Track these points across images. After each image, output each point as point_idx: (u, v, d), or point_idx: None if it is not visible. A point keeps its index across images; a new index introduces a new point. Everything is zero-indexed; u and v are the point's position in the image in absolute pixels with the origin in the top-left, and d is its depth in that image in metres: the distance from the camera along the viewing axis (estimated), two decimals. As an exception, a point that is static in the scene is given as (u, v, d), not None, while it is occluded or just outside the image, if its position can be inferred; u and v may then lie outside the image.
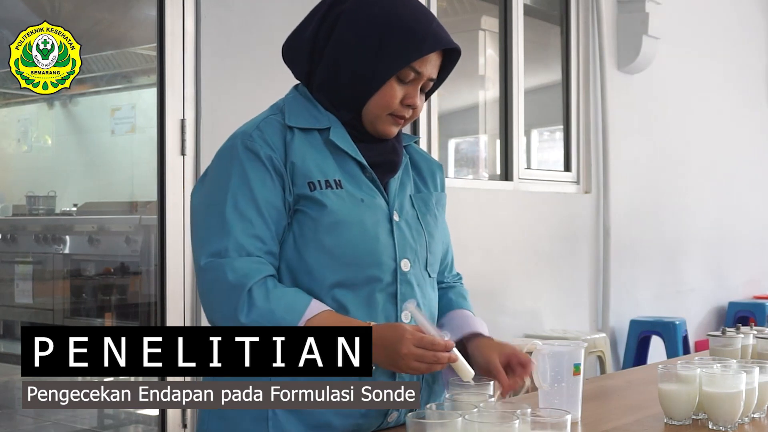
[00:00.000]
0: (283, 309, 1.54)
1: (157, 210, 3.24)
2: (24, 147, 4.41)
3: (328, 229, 1.60)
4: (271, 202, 1.60)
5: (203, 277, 1.59)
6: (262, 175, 1.60)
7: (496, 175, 4.94)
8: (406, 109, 1.68)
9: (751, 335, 2.24)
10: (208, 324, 1.73)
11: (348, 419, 1.61)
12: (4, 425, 3.62)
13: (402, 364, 1.52)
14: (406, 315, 1.66)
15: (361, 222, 1.63)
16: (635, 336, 5.46)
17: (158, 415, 3.27)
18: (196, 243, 1.63)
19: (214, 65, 3.33)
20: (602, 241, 5.37)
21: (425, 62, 1.65)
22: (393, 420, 1.68)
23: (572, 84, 5.34)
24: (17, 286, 3.90)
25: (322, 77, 1.68)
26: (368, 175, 1.68)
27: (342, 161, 1.66)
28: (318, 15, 1.69)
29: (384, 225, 1.66)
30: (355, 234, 1.61)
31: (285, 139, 1.63)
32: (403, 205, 1.72)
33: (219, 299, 1.56)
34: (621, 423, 1.81)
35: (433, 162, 1.88)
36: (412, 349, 1.51)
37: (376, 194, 1.68)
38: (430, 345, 1.52)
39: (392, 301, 1.65)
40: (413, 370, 1.52)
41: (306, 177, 1.61)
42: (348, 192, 1.64)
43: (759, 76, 7.35)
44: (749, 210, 7.05)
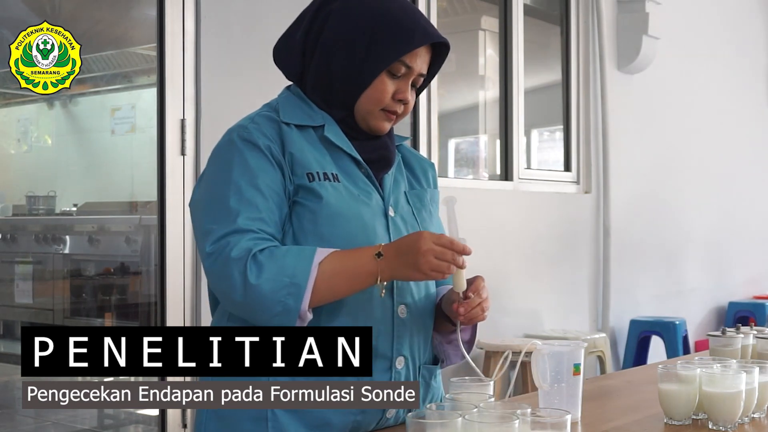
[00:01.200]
0: (293, 260, 1.53)
1: (157, 210, 3.24)
2: (24, 147, 4.41)
3: (327, 220, 1.61)
4: (274, 188, 1.60)
5: (209, 262, 1.56)
6: (262, 162, 1.61)
7: (496, 175, 4.94)
8: (398, 104, 1.69)
9: (751, 335, 2.24)
10: (212, 320, 1.73)
11: (347, 417, 1.62)
12: (4, 425, 3.62)
13: (422, 262, 1.52)
14: (402, 310, 1.66)
15: (360, 215, 1.64)
16: (635, 336, 5.46)
17: (158, 415, 3.27)
18: (200, 234, 1.60)
19: (214, 65, 3.32)
20: (602, 241, 5.37)
21: (415, 56, 1.66)
22: (392, 417, 1.68)
23: (572, 84, 5.34)
24: (17, 286, 3.90)
25: (314, 77, 1.70)
26: (363, 170, 1.70)
27: (337, 157, 1.68)
28: (308, 15, 1.71)
29: (380, 220, 1.67)
30: (354, 227, 1.62)
31: (281, 132, 1.65)
32: (398, 200, 1.74)
33: (226, 274, 1.53)
34: (621, 423, 1.81)
35: (424, 160, 1.90)
36: (432, 245, 1.52)
37: (371, 190, 1.69)
38: (449, 244, 1.53)
39: (389, 295, 1.66)
40: (433, 268, 1.53)
41: (305, 168, 1.62)
42: (345, 186, 1.65)
43: (759, 76, 7.35)
44: (749, 210, 7.05)
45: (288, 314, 1.52)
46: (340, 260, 1.55)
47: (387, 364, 1.65)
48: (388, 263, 1.55)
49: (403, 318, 1.67)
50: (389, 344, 1.65)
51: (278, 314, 1.52)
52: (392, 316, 1.66)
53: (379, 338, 1.64)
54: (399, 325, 1.66)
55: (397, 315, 1.66)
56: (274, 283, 1.51)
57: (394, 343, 1.65)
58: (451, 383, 1.66)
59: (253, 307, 1.53)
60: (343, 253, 1.57)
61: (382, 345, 1.64)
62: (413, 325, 1.69)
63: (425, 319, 1.73)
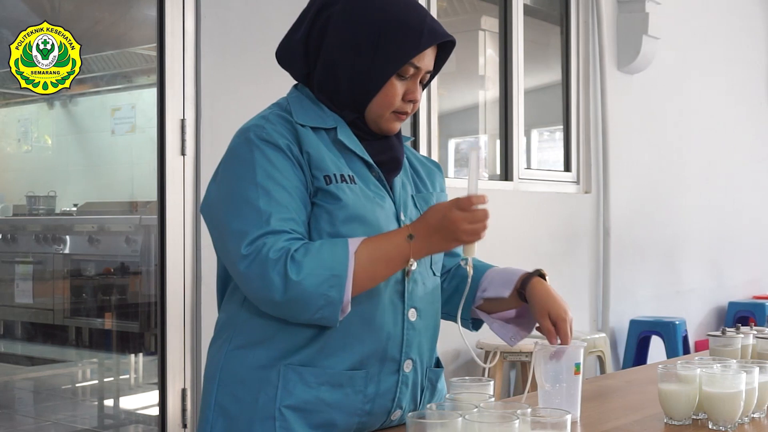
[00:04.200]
0: (329, 253, 1.52)
1: (157, 210, 3.24)
2: (24, 147, 4.41)
3: (345, 222, 1.60)
4: (299, 188, 1.59)
5: (245, 264, 1.52)
6: (285, 162, 1.59)
7: (496, 175, 4.94)
8: (408, 105, 1.69)
9: (751, 335, 2.24)
10: (220, 315, 1.72)
11: (352, 417, 1.62)
12: (4, 425, 3.62)
13: (460, 232, 1.54)
14: (412, 314, 1.67)
15: (376, 219, 1.63)
16: (635, 336, 5.46)
17: (158, 415, 3.27)
18: (229, 235, 1.56)
19: (214, 65, 3.32)
20: (602, 241, 5.37)
21: (423, 56, 1.65)
22: (396, 419, 1.69)
23: (572, 84, 5.34)
24: (17, 286, 3.91)
25: (320, 79, 1.68)
26: (375, 174, 1.69)
27: (350, 160, 1.67)
28: (308, 17, 1.69)
29: (393, 224, 1.67)
30: (370, 230, 1.62)
31: (296, 132, 1.63)
32: (407, 204, 1.74)
33: (265, 275, 1.51)
34: (621, 423, 1.81)
35: (431, 162, 1.90)
36: (459, 213, 1.54)
37: (384, 193, 1.69)
38: (469, 203, 1.54)
39: (400, 299, 1.66)
40: (472, 233, 1.55)
41: (322, 170, 1.61)
42: (361, 188, 1.65)
43: (759, 76, 7.35)
44: (749, 210, 7.05)
45: (332, 306, 1.51)
46: (373, 247, 1.55)
47: (395, 367, 1.65)
48: (423, 242, 1.56)
49: (413, 321, 1.67)
50: (398, 348, 1.65)
51: (322, 308, 1.51)
52: (403, 320, 1.66)
53: (389, 342, 1.64)
54: (409, 328, 1.66)
55: (407, 319, 1.66)
56: (316, 278, 1.50)
57: (403, 347, 1.66)
58: (451, 383, 1.66)
59: (295, 304, 1.51)
60: (374, 240, 1.57)
61: (391, 349, 1.64)
62: (422, 328, 1.70)
63: (433, 321, 1.74)
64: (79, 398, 4.18)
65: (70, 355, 4.24)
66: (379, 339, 1.62)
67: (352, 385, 1.60)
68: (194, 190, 3.27)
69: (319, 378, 1.59)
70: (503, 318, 1.84)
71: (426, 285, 1.72)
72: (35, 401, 4.10)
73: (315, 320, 1.53)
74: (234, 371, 1.62)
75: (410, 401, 1.70)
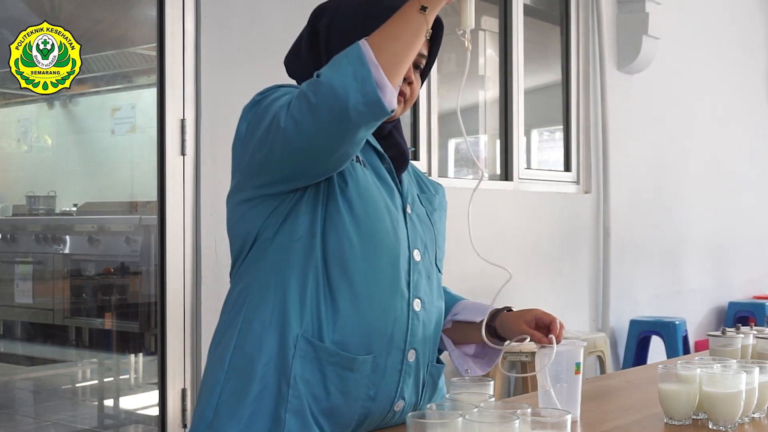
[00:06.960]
0: (339, 56, 1.50)
1: (157, 210, 3.24)
2: (24, 147, 4.41)
3: (357, 198, 1.63)
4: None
5: (283, 113, 1.51)
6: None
7: (496, 175, 4.94)
8: (406, 86, 1.71)
9: (751, 335, 2.24)
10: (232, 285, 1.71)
11: (356, 402, 1.63)
12: (4, 425, 3.62)
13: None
14: (417, 304, 1.69)
15: (386, 203, 1.68)
16: (635, 336, 5.46)
17: (158, 415, 3.27)
18: (263, 110, 1.59)
19: (214, 65, 3.32)
20: (602, 241, 5.37)
21: None
22: (399, 409, 1.70)
23: (572, 84, 5.34)
24: (17, 286, 3.91)
25: None
26: (386, 165, 1.74)
27: (363, 150, 1.70)
28: (306, 33, 1.73)
29: (400, 214, 1.71)
30: (380, 209, 1.65)
31: None
32: (414, 199, 1.79)
33: (295, 100, 1.50)
34: (621, 423, 1.81)
35: (434, 184, 1.93)
36: None
37: (392, 185, 1.74)
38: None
39: (407, 287, 1.68)
40: None
41: None
42: (371, 175, 1.70)
43: (759, 75, 7.35)
44: (749, 210, 7.05)
45: (365, 82, 1.45)
46: (384, 29, 1.53)
47: (400, 357, 1.67)
48: (437, 6, 1.59)
49: (418, 312, 1.70)
50: (403, 336, 1.67)
51: (356, 89, 1.45)
52: (408, 308, 1.68)
53: (395, 327, 1.66)
54: (414, 318, 1.69)
55: (412, 308, 1.69)
56: (335, 69, 1.47)
57: (408, 335, 1.68)
58: (451, 383, 1.67)
59: (328, 97, 1.46)
60: (383, 25, 1.55)
61: (397, 335, 1.66)
62: (426, 320, 1.72)
63: (436, 317, 1.77)
64: (79, 398, 4.18)
65: (70, 355, 4.24)
66: (386, 321, 1.64)
67: (360, 370, 1.62)
68: (194, 190, 3.27)
69: (332, 358, 1.60)
70: (463, 351, 1.89)
71: (430, 279, 1.75)
72: (35, 401, 4.10)
73: (361, 111, 1.46)
74: (251, 336, 1.62)
75: (412, 393, 1.71)
